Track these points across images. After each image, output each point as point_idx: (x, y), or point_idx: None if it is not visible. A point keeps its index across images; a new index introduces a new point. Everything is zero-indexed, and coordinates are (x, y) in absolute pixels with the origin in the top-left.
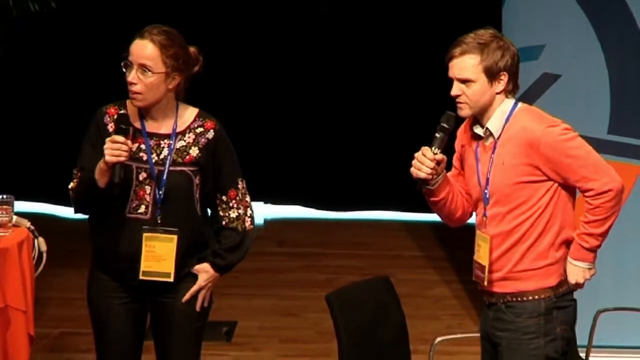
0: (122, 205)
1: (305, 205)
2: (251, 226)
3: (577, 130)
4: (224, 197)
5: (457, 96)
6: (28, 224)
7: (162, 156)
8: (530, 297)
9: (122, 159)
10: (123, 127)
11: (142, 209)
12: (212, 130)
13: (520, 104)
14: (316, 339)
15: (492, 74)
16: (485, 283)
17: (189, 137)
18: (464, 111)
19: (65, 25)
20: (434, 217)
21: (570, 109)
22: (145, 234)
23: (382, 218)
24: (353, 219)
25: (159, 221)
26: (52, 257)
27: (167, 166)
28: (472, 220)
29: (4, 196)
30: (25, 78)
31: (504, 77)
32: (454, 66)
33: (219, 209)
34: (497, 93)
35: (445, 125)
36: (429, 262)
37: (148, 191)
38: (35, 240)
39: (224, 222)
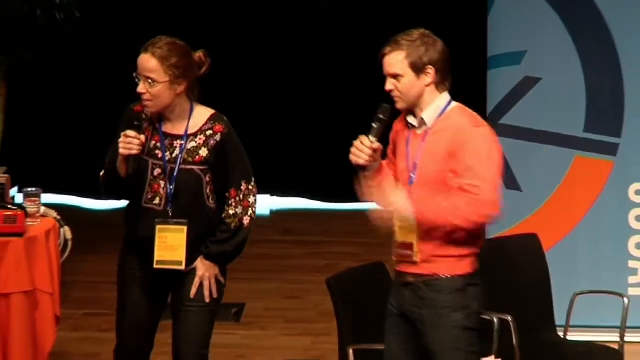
0: (139, 196)
1: (307, 197)
2: (249, 224)
3: (555, 128)
4: (226, 194)
5: (391, 91)
6: (55, 214)
7: (174, 155)
8: (449, 275)
9: (133, 152)
10: (135, 123)
11: (157, 200)
12: (220, 134)
13: (455, 103)
14: (317, 319)
15: (418, 68)
16: (416, 259)
17: (199, 138)
18: (400, 104)
19: (87, 32)
20: None
21: (549, 109)
22: (158, 226)
23: (378, 208)
24: (351, 209)
25: (171, 213)
26: (77, 244)
27: (177, 164)
28: None
29: (33, 189)
30: (52, 79)
31: (431, 71)
32: (384, 63)
33: (225, 203)
34: (427, 85)
35: (381, 116)
36: None
37: (162, 185)
38: (62, 229)
39: (223, 216)
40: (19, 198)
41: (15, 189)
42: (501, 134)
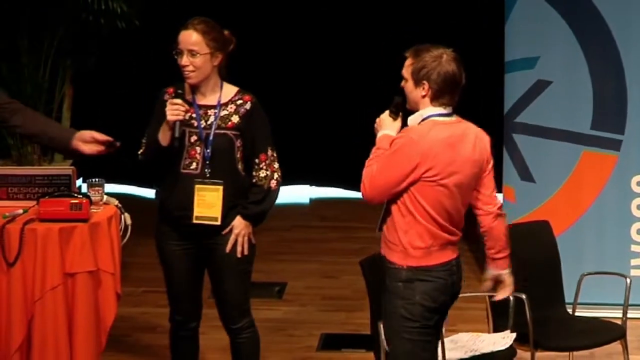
0: (177, 163)
1: (343, 187)
2: (276, 186)
3: (565, 126)
4: (256, 160)
5: (402, 88)
6: (116, 202)
7: (209, 122)
8: (396, 265)
9: (180, 117)
10: (179, 91)
11: (194, 165)
12: (249, 102)
13: (438, 118)
14: (351, 296)
15: (416, 79)
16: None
17: (231, 107)
18: (408, 104)
19: (146, 39)
20: None
21: (559, 109)
22: (196, 186)
23: None
24: None
25: (208, 175)
26: (136, 229)
27: (213, 129)
28: None
29: (96, 179)
30: (113, 82)
31: (425, 85)
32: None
33: (253, 169)
34: (422, 97)
35: (393, 108)
36: None
37: (198, 151)
38: (122, 216)
39: (254, 180)
40: (84, 188)
41: (81, 179)
42: (516, 131)
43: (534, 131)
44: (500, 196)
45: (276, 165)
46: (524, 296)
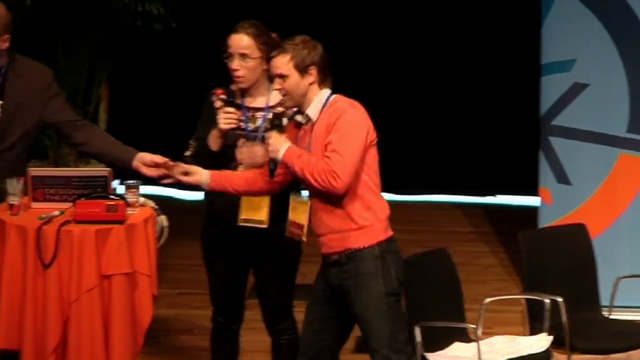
0: (226, 165)
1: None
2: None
3: (601, 129)
4: None
5: (279, 89)
6: (152, 204)
7: (256, 124)
8: (367, 246)
9: (232, 125)
10: (230, 99)
11: (241, 169)
12: None
13: (336, 95)
14: None
15: (302, 70)
16: (304, 239)
17: (279, 110)
18: (288, 103)
19: (183, 41)
20: (483, 199)
21: (595, 112)
22: None
23: (439, 200)
24: (416, 200)
25: None
26: (172, 231)
27: (260, 132)
28: (518, 202)
29: (133, 181)
30: (149, 83)
31: (313, 70)
32: (271, 65)
33: None
34: (310, 84)
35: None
36: (479, 236)
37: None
38: (159, 218)
39: None
40: (120, 189)
41: (117, 181)
42: (553, 134)
43: (571, 134)
44: (537, 199)
45: None
46: (560, 299)
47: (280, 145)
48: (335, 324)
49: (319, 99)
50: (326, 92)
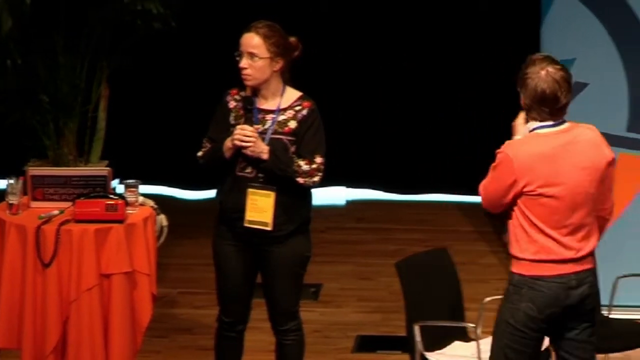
0: (233, 166)
1: (379, 189)
2: (304, 183)
3: (601, 128)
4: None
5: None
6: (152, 203)
7: (266, 126)
8: (512, 269)
9: (247, 145)
10: (248, 107)
11: (249, 169)
12: (307, 109)
13: (541, 130)
14: (387, 298)
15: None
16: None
17: (289, 113)
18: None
19: (182, 39)
20: None
21: (595, 111)
22: (249, 190)
23: (441, 199)
24: (418, 200)
25: (261, 179)
26: (172, 230)
27: (268, 134)
28: None
29: (132, 180)
30: (149, 83)
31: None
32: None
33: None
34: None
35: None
36: (480, 236)
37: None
38: (158, 217)
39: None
40: (120, 189)
41: (117, 180)
42: None
43: None
44: None
45: (319, 174)
46: None
47: (516, 133)
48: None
49: (528, 126)
50: (533, 124)
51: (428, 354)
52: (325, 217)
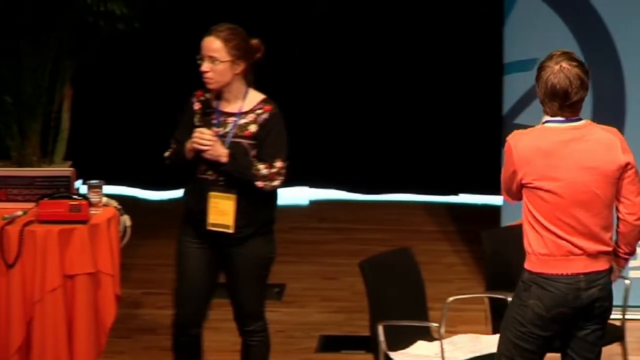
0: (195, 168)
1: (342, 189)
2: (263, 187)
3: None
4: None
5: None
6: (115, 203)
7: (227, 129)
8: (524, 266)
9: (204, 148)
10: (208, 110)
11: (210, 172)
12: (268, 112)
13: (551, 124)
14: (351, 298)
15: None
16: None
17: (250, 116)
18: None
19: (145, 40)
20: (447, 198)
21: None
22: (210, 193)
23: (404, 199)
24: (381, 200)
25: (221, 182)
26: (135, 231)
27: (229, 137)
28: (481, 201)
29: (96, 181)
30: (113, 83)
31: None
32: None
33: None
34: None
35: None
36: (443, 235)
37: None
38: (122, 217)
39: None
40: (84, 189)
41: (80, 181)
42: None
43: None
44: (500, 198)
45: (279, 178)
46: None
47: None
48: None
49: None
50: (544, 118)
51: (392, 354)
52: (288, 217)
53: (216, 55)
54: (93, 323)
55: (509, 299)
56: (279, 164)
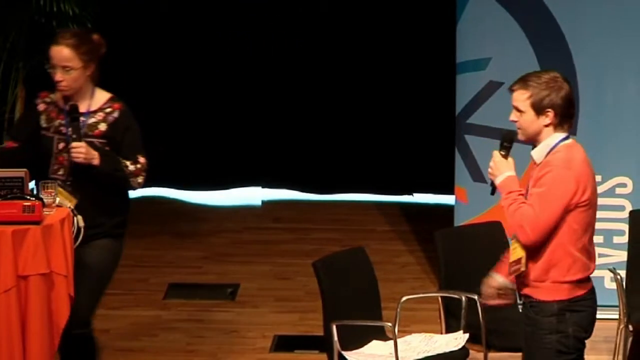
0: (47, 168)
1: (295, 189)
2: (133, 185)
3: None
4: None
5: (514, 121)
6: (69, 204)
7: None
8: (547, 299)
9: (79, 160)
10: (75, 115)
11: (61, 171)
12: (118, 111)
13: (569, 140)
14: (305, 298)
15: (538, 109)
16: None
17: (99, 115)
18: (520, 136)
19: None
20: (401, 198)
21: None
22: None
23: (358, 199)
24: (334, 200)
25: (69, 182)
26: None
27: (69, 133)
28: (434, 201)
29: (49, 182)
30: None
31: (550, 113)
32: (512, 97)
33: None
34: (545, 125)
35: (505, 143)
36: (396, 235)
37: (66, 157)
38: (75, 218)
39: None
40: (36, 190)
41: (33, 182)
42: (468, 132)
43: (486, 132)
44: (453, 197)
45: (143, 174)
46: (476, 297)
47: (501, 170)
48: None
49: (546, 143)
50: (558, 136)
51: (346, 353)
52: (241, 218)
53: (69, 64)
54: (46, 324)
55: (463, 298)
56: (142, 159)
